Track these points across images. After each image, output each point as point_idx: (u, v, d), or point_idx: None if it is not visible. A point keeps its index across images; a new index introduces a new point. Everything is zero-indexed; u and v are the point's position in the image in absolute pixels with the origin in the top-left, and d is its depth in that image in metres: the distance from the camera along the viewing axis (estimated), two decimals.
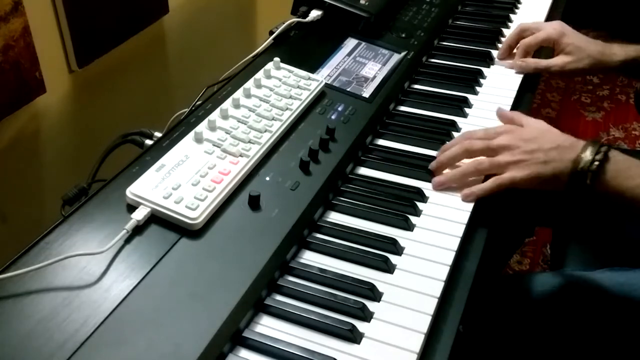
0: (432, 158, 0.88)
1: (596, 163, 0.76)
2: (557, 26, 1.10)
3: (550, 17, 1.29)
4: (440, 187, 0.83)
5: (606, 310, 0.88)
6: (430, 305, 0.67)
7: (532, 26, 1.12)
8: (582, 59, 1.06)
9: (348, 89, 0.97)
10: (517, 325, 0.92)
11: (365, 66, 1.04)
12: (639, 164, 0.77)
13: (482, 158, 0.83)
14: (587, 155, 0.77)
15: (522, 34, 1.12)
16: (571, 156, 0.78)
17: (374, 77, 1.01)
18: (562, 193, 0.79)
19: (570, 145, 0.80)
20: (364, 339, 0.63)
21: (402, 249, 0.74)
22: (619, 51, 1.06)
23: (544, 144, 0.80)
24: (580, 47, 1.06)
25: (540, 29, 1.11)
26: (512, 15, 1.30)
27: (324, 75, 0.99)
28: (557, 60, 1.08)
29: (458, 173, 0.83)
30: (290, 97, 0.89)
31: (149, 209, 0.69)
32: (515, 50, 1.14)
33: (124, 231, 0.67)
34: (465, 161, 0.84)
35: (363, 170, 0.87)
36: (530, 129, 0.84)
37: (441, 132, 0.94)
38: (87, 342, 0.57)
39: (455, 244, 0.75)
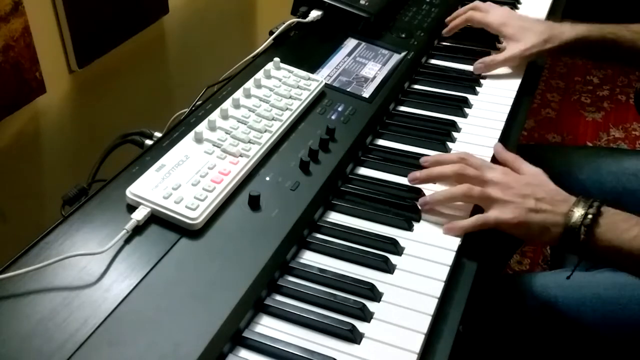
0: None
1: (590, 217, 0.74)
2: (501, 16, 1.11)
3: (550, 17, 1.29)
4: (425, 207, 0.80)
5: (606, 311, 0.88)
6: (430, 305, 0.67)
7: (483, 6, 1.15)
8: (530, 40, 1.06)
9: (348, 89, 0.97)
10: (517, 325, 0.92)
11: (365, 66, 1.04)
12: (632, 216, 0.75)
13: (473, 186, 0.79)
14: (580, 209, 0.75)
15: (472, 8, 1.16)
16: (563, 209, 0.75)
17: (374, 77, 1.01)
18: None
19: (564, 199, 0.77)
20: (364, 339, 0.63)
21: (402, 249, 0.74)
22: (568, 30, 1.06)
23: (537, 193, 0.78)
24: (525, 28, 1.07)
25: (489, 12, 1.13)
26: None
27: (324, 75, 0.99)
28: (511, 49, 1.08)
29: (447, 194, 0.79)
30: (290, 97, 0.89)
31: (149, 209, 0.69)
32: (457, 20, 1.17)
33: (124, 231, 0.67)
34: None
35: (363, 170, 0.87)
36: (527, 177, 0.81)
37: (441, 132, 0.94)
38: (87, 342, 0.57)
39: (455, 244, 0.75)
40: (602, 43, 1.05)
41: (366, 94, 0.97)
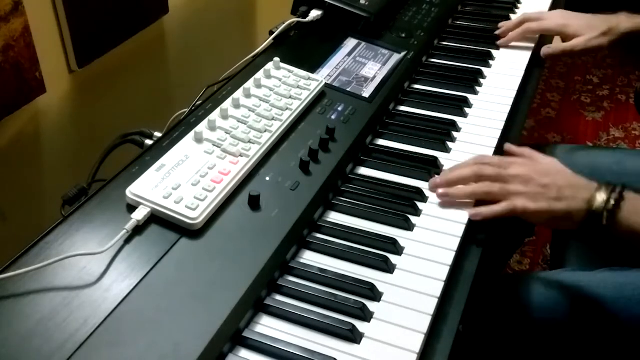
0: (433, 158, 0.88)
1: (612, 202, 0.75)
2: (558, 19, 1.13)
3: None
4: (444, 199, 0.81)
5: (606, 311, 0.88)
6: (430, 305, 0.67)
7: (534, 15, 1.16)
8: (590, 34, 1.08)
9: (348, 89, 0.97)
10: (517, 325, 0.92)
11: (365, 66, 1.04)
12: None
13: (493, 183, 0.80)
14: (602, 195, 0.76)
15: (524, 20, 1.16)
16: (585, 196, 0.77)
17: (374, 77, 1.01)
18: None
19: (585, 185, 0.79)
20: (364, 339, 0.63)
21: (402, 249, 0.74)
22: (625, 21, 1.07)
23: (558, 181, 0.79)
24: (586, 25, 1.09)
25: (543, 18, 1.15)
26: (512, 15, 1.30)
27: (324, 75, 0.99)
28: (573, 43, 1.10)
29: (468, 190, 0.81)
30: (290, 97, 0.89)
31: (149, 209, 0.69)
32: (512, 32, 1.17)
33: (124, 231, 0.67)
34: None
35: (363, 170, 0.87)
36: (544, 165, 0.83)
37: (441, 132, 0.94)
38: (87, 342, 0.57)
39: (455, 244, 0.75)
40: None
41: (366, 93, 0.97)
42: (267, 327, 0.64)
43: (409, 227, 0.77)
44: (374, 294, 0.68)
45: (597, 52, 1.14)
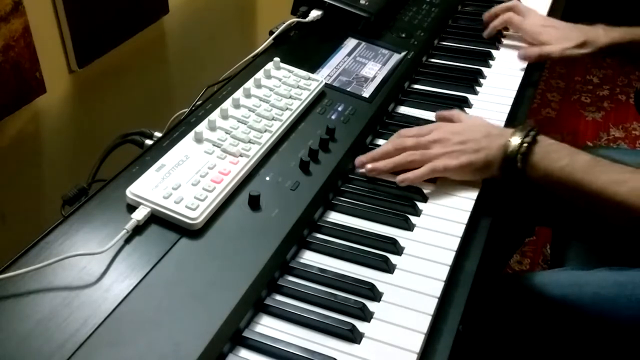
0: None
1: (525, 145, 0.79)
2: (536, 26, 1.14)
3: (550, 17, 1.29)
4: (371, 174, 0.84)
5: (606, 310, 0.88)
6: (430, 305, 0.67)
7: (522, 9, 1.17)
8: (564, 45, 1.09)
9: (348, 89, 0.97)
10: (517, 325, 0.92)
11: (365, 66, 1.04)
12: (566, 146, 0.81)
13: (414, 151, 0.84)
14: (516, 139, 0.80)
15: (510, 8, 1.17)
16: (501, 142, 0.81)
17: (374, 77, 1.01)
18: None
19: (500, 133, 0.83)
20: (364, 339, 0.63)
21: (402, 249, 0.74)
22: (602, 35, 1.08)
23: (475, 134, 0.83)
24: (558, 36, 1.10)
25: (527, 16, 1.16)
26: None
27: (324, 75, 0.99)
28: (549, 49, 1.10)
29: (390, 162, 0.84)
30: (290, 97, 0.89)
31: (149, 209, 0.69)
32: (495, 21, 1.18)
33: (124, 231, 0.67)
34: None
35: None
36: (462, 124, 0.87)
37: None
38: (87, 342, 0.57)
39: (455, 244, 0.75)
40: (636, 46, 1.08)
41: (366, 93, 0.97)
42: (267, 327, 0.64)
43: (409, 227, 0.77)
44: (374, 294, 0.68)
45: (573, 61, 1.16)
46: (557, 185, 0.79)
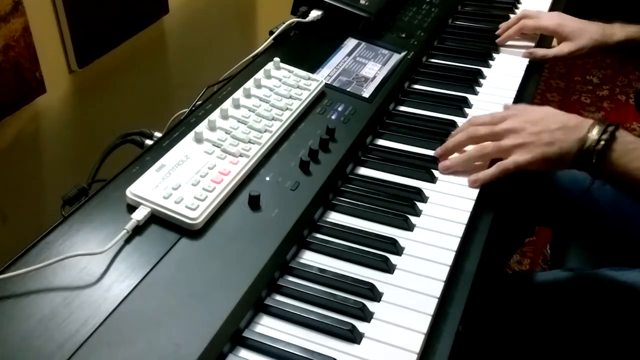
0: (433, 158, 0.88)
1: (602, 142, 0.76)
2: (555, 18, 1.14)
3: None
4: (447, 171, 0.84)
5: (606, 310, 0.88)
6: (430, 305, 0.67)
7: (532, 13, 1.17)
8: (584, 41, 1.09)
9: (348, 89, 0.97)
10: (517, 325, 0.92)
11: (365, 66, 1.04)
12: None
13: (486, 143, 0.83)
14: (594, 134, 0.77)
15: (522, 17, 1.17)
16: (577, 135, 0.78)
17: (374, 77, 1.01)
18: (562, 194, 0.79)
19: (576, 124, 0.80)
20: (364, 339, 0.63)
21: (402, 249, 0.74)
22: (619, 31, 1.08)
23: (550, 125, 0.80)
24: (580, 28, 1.10)
25: (540, 17, 1.16)
26: (511, 16, 1.30)
27: (324, 75, 0.99)
28: (563, 48, 1.10)
29: (464, 157, 0.84)
30: (290, 97, 0.89)
31: (149, 209, 0.69)
32: (510, 30, 1.18)
33: (124, 231, 0.67)
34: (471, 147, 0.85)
35: (363, 170, 0.87)
36: (536, 112, 0.84)
37: (441, 132, 0.94)
38: (87, 342, 0.57)
39: (455, 244, 0.75)
40: None
41: (366, 93, 0.97)
42: (267, 327, 0.64)
43: (409, 227, 0.77)
44: (374, 294, 0.68)
45: (578, 59, 1.16)
46: (631, 185, 0.77)
